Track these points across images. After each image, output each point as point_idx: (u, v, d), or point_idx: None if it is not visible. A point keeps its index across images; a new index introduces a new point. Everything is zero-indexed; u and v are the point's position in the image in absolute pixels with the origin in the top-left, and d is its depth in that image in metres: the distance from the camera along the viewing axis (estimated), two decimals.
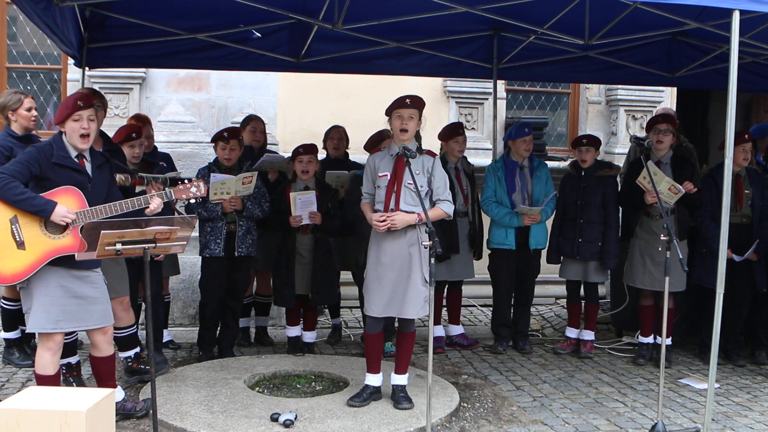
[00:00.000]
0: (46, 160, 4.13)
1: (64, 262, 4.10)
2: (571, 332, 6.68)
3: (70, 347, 5.12)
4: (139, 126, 5.77)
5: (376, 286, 4.84)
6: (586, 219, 6.34)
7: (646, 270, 6.17)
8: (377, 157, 4.97)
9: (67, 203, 4.12)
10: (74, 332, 5.02)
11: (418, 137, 4.96)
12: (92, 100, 4.39)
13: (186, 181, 4.52)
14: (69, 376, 5.13)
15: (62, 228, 4.10)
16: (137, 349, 5.38)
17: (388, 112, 4.86)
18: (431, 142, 6.76)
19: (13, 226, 4.03)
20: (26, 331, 4.26)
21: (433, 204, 4.83)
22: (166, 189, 4.45)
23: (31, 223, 4.07)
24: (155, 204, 4.31)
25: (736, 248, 6.07)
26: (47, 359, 4.23)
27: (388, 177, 4.83)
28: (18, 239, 4.04)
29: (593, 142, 6.51)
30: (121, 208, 4.21)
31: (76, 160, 4.24)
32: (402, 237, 4.80)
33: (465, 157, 6.63)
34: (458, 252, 6.32)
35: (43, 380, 4.22)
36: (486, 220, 6.65)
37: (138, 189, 4.98)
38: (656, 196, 5.25)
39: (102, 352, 4.43)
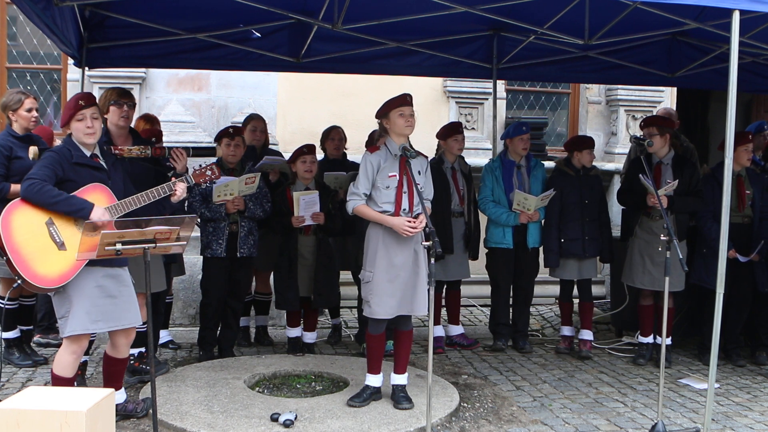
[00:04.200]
0: (67, 161, 4.17)
1: (99, 260, 4.08)
2: (568, 330, 6.72)
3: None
4: (159, 130, 5.81)
5: (389, 288, 4.82)
6: (590, 217, 6.38)
7: (645, 270, 6.17)
8: (380, 156, 4.87)
9: (97, 199, 4.16)
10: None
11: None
12: (93, 99, 4.42)
13: (200, 166, 4.71)
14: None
15: (98, 225, 4.10)
16: (142, 349, 5.38)
17: (385, 112, 4.83)
18: (432, 141, 6.77)
19: (50, 228, 4.04)
20: (64, 336, 4.19)
21: None
22: (186, 175, 4.56)
23: (67, 223, 4.09)
24: (180, 190, 4.39)
25: (738, 248, 6.08)
26: (70, 362, 4.24)
27: (398, 178, 4.82)
28: (57, 240, 4.04)
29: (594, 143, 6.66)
30: (149, 197, 4.29)
31: (91, 158, 4.29)
32: (410, 237, 4.82)
33: (462, 157, 6.63)
34: (452, 252, 6.32)
35: (59, 381, 4.21)
36: (482, 220, 6.65)
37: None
38: (657, 198, 5.25)
39: (120, 353, 4.44)
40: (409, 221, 4.75)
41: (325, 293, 6.01)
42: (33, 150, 4.84)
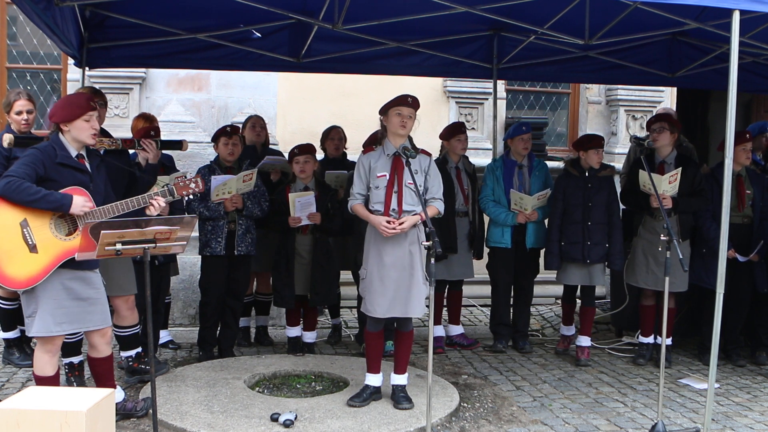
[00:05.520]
0: (50, 160, 4.12)
1: (68, 263, 4.09)
2: (568, 330, 6.71)
3: (75, 347, 5.12)
4: (157, 127, 5.83)
5: (380, 287, 4.82)
6: (594, 221, 6.17)
7: (649, 270, 6.14)
8: (371, 157, 4.92)
9: None
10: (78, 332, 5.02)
11: (409, 138, 4.95)
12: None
13: (185, 177, 4.58)
14: (70, 375, 5.13)
15: (71, 229, 4.09)
16: (139, 349, 5.38)
17: (385, 109, 4.84)
18: (431, 141, 6.77)
19: (24, 230, 4.01)
20: (29, 335, 4.24)
21: (426, 203, 4.83)
22: (168, 186, 4.47)
23: (41, 225, 4.05)
24: (158, 203, 4.28)
25: (737, 248, 6.08)
26: (46, 361, 4.23)
27: (387, 177, 4.83)
28: (30, 242, 4.02)
29: (603, 142, 6.45)
30: (128, 206, 4.23)
31: (76, 159, 4.25)
32: (403, 237, 4.81)
33: (466, 157, 6.64)
34: (456, 252, 6.32)
35: (42, 381, 4.21)
36: (486, 220, 6.65)
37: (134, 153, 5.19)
38: (658, 200, 5.26)
39: (100, 353, 4.42)
40: (389, 221, 4.75)
41: (322, 291, 6.00)
42: (8, 137, 4.83)
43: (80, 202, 4.07)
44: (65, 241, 4.08)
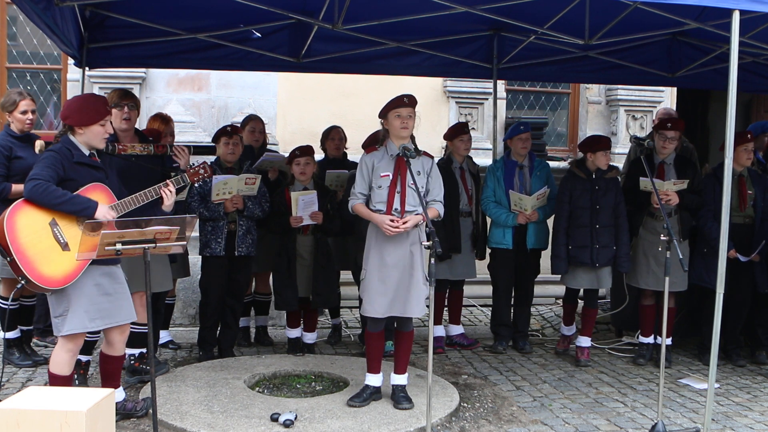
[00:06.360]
0: (68, 161, 4.16)
1: (96, 259, 4.09)
2: (567, 330, 6.70)
3: (89, 345, 5.13)
4: (158, 131, 5.84)
5: (380, 287, 4.82)
6: (602, 224, 6.08)
7: (650, 270, 6.14)
8: (375, 156, 4.91)
9: (99, 199, 4.18)
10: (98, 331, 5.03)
11: (411, 137, 4.95)
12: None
13: (192, 165, 4.81)
14: (75, 373, 5.11)
15: (99, 224, 4.11)
16: (143, 349, 5.38)
17: (384, 112, 4.85)
18: (432, 141, 6.78)
19: (54, 229, 4.04)
20: (61, 334, 4.21)
21: (426, 204, 4.83)
22: (183, 174, 4.62)
23: (70, 223, 4.09)
24: (169, 189, 4.44)
25: (739, 248, 6.07)
26: (67, 360, 4.25)
27: (390, 177, 4.83)
28: (62, 241, 4.05)
29: (610, 143, 6.37)
30: (147, 197, 4.36)
31: (89, 157, 4.30)
32: (404, 237, 4.81)
33: (470, 157, 6.65)
34: (460, 252, 6.33)
35: (57, 380, 4.22)
36: (489, 221, 6.65)
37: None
38: (658, 200, 5.28)
39: (116, 351, 4.45)
40: (393, 219, 4.75)
41: (323, 293, 6.00)
42: (39, 144, 4.85)
43: (104, 210, 4.12)
44: (95, 237, 4.07)
